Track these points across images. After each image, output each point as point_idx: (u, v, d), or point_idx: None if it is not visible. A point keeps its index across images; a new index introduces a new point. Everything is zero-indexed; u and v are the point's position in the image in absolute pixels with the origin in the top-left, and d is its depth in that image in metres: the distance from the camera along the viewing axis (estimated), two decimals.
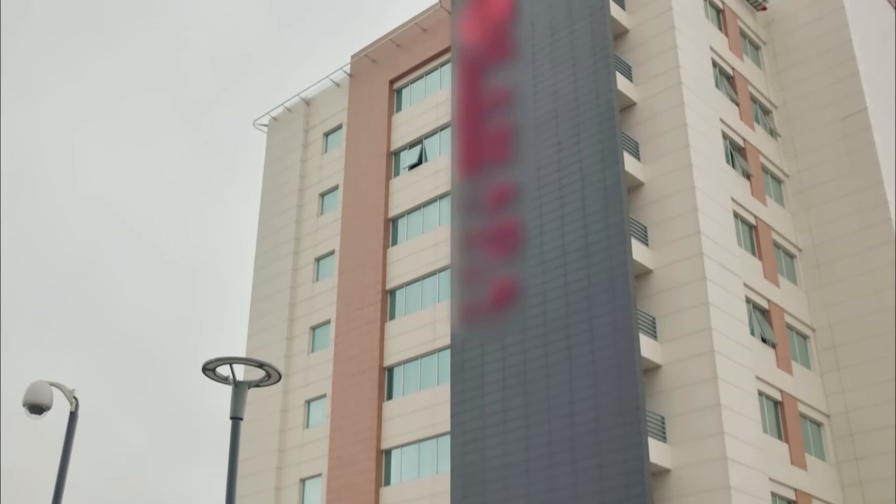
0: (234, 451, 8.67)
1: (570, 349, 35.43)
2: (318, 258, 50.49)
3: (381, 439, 42.54)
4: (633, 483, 32.15)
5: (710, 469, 32.95)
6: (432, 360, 42.20)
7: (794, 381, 39.29)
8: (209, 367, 8.65)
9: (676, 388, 34.82)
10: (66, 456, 9.54)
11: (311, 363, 47.96)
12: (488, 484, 36.08)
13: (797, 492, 36.76)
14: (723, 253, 37.16)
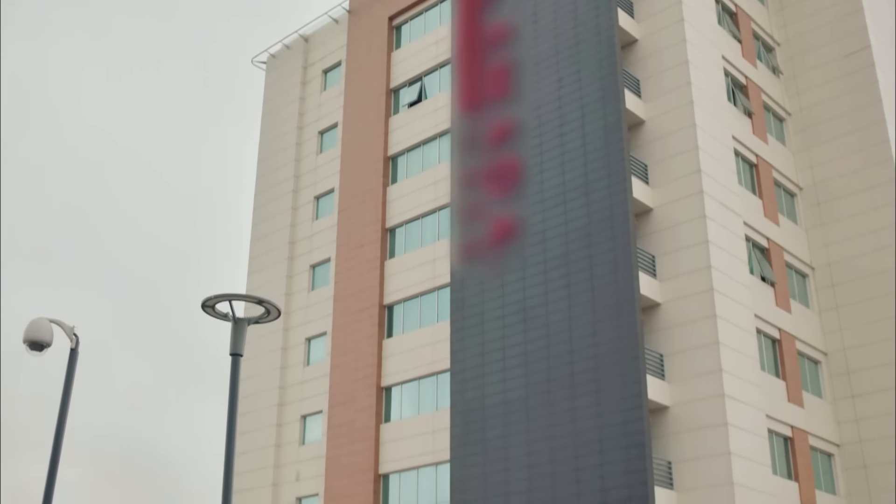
0: (235, 388, 8.72)
1: (570, 287, 35.52)
2: (318, 196, 50.41)
3: (381, 376, 42.84)
4: (631, 420, 32.43)
5: (707, 406, 33.23)
6: (432, 298, 42.34)
7: (792, 320, 39.46)
8: (208, 303, 8.66)
9: (675, 325, 34.98)
10: (67, 393, 9.59)
11: (312, 301, 48.12)
12: (488, 421, 36.40)
13: (794, 428, 37.11)
14: (723, 191, 37.09)
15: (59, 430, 9.30)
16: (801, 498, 36.31)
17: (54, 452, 9.28)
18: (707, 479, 32.49)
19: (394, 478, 41.26)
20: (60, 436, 9.31)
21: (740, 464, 32.60)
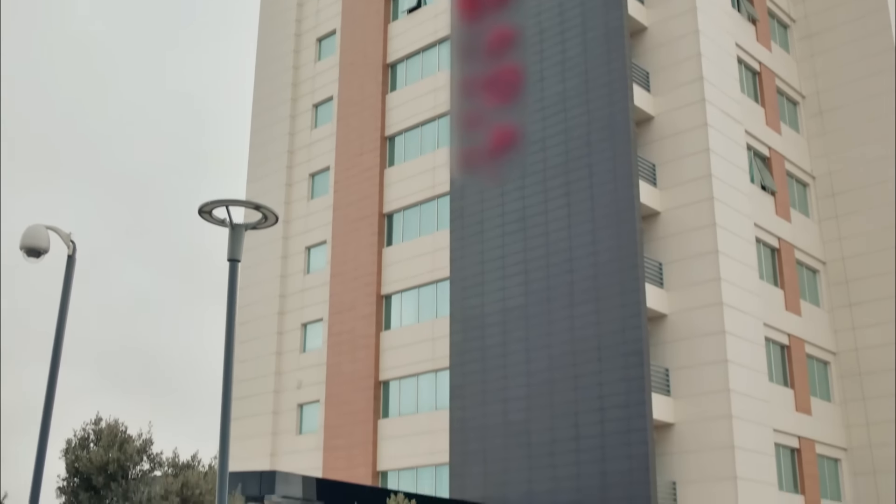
0: (233, 293, 8.72)
1: (570, 195, 35.44)
2: (317, 104, 49.96)
3: (381, 284, 43.01)
4: (629, 328, 32.66)
5: (705, 314, 33.43)
6: (432, 207, 42.27)
7: (791, 229, 39.47)
8: (206, 209, 8.61)
9: (675, 234, 34.99)
10: (65, 300, 9.60)
11: (311, 210, 48.05)
12: (487, 329, 36.67)
13: (791, 337, 37.41)
14: (725, 99, 36.74)
15: (59, 335, 9.33)
16: (796, 405, 36.77)
17: (54, 357, 9.32)
18: (704, 386, 32.85)
19: (394, 384, 41.72)
20: (60, 341, 9.34)
21: (737, 371, 32.92)
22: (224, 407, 8.31)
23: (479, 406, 36.11)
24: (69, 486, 13.25)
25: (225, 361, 8.43)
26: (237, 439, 47.54)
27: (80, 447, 13.24)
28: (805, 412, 37.09)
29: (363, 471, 40.57)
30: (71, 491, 13.21)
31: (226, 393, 8.38)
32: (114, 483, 12.84)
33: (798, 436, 36.32)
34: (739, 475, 31.60)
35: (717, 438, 32.15)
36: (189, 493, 12.81)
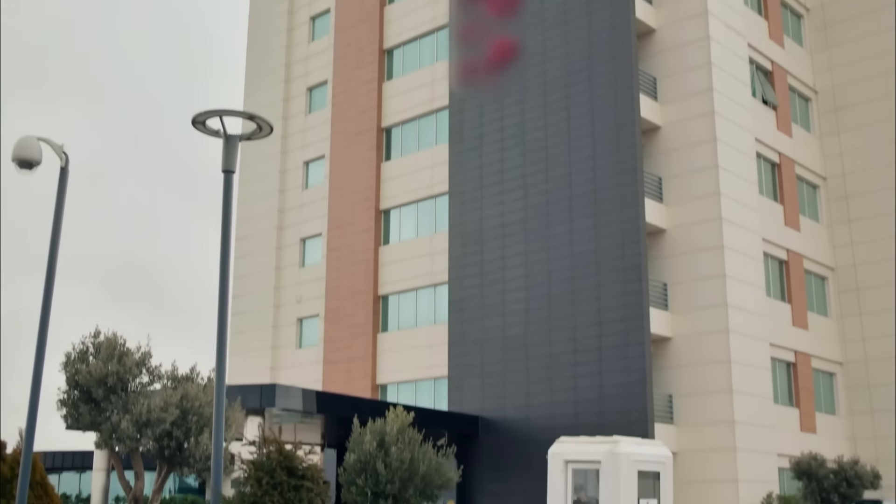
0: (228, 205, 8.62)
1: (570, 109, 35.11)
2: (314, 17, 49.21)
3: (379, 199, 42.87)
4: (628, 242, 32.64)
5: (704, 229, 33.38)
6: (430, 121, 41.92)
7: (792, 144, 39.21)
8: (199, 119, 8.47)
9: (675, 149, 34.76)
10: (59, 212, 9.50)
11: (309, 124, 47.67)
12: (486, 243, 36.65)
13: (789, 251, 37.43)
14: (727, 11, 36.16)
15: (53, 248, 9.26)
16: (793, 320, 36.95)
17: (49, 270, 9.26)
18: (702, 301, 32.96)
19: (393, 299, 41.86)
20: (55, 254, 9.27)
21: (735, 286, 32.99)
22: (220, 319, 8.28)
23: (478, 320, 36.28)
24: (70, 398, 13.32)
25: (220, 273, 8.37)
26: (237, 353, 47.91)
27: (80, 360, 13.28)
28: (802, 327, 37.29)
29: (363, 384, 40.95)
30: (72, 403, 13.29)
31: (222, 305, 8.34)
32: (113, 395, 12.89)
33: (794, 350, 36.57)
34: (735, 388, 31.88)
35: (714, 352, 32.36)
36: (188, 405, 12.87)
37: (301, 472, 5.93)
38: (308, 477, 5.95)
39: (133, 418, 12.70)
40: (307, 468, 5.92)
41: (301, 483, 6.01)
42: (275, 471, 5.95)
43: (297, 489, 6.07)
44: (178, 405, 12.87)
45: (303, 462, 5.91)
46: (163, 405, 12.80)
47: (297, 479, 6.08)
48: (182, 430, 12.87)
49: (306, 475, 5.95)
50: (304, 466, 5.90)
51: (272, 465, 5.99)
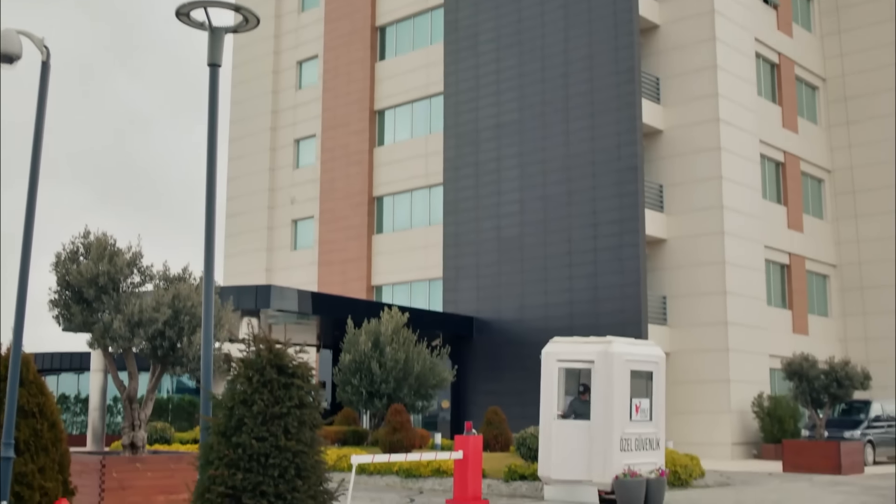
0: (214, 100, 8.39)
1: (567, 7, 34.45)
2: None
3: (374, 100, 42.38)
4: (624, 143, 32.36)
5: (702, 130, 33.08)
6: (425, 19, 41.17)
7: (792, 44, 38.61)
8: (183, 11, 8.20)
9: (673, 48, 34.23)
10: (41, 108, 9.26)
11: (302, 23, 46.86)
12: (481, 144, 36.34)
13: (786, 153, 37.18)
14: None
15: (37, 144, 9.05)
16: (788, 222, 36.90)
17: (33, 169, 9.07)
18: (697, 203, 32.84)
19: (387, 200, 41.71)
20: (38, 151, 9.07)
21: (731, 187, 32.84)
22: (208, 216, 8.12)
23: (473, 221, 36.19)
24: (61, 298, 13.24)
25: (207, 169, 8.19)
26: (232, 255, 47.92)
27: (70, 261, 13.15)
28: (797, 229, 37.26)
29: (357, 285, 41.04)
30: (63, 303, 13.21)
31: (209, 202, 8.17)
32: (105, 295, 12.80)
33: (789, 252, 36.61)
34: (729, 290, 31.98)
35: (709, 254, 32.37)
36: (181, 305, 12.79)
37: (291, 370, 5.86)
38: (298, 375, 5.88)
39: (125, 318, 12.63)
40: (297, 366, 5.84)
41: (291, 381, 5.94)
42: (264, 369, 5.88)
43: (287, 387, 5.99)
44: (171, 305, 12.78)
45: (293, 360, 5.83)
46: (154, 305, 12.72)
47: (287, 376, 6.00)
48: (175, 329, 12.82)
49: (296, 373, 5.88)
50: (295, 365, 5.83)
51: (262, 362, 5.93)
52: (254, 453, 6.04)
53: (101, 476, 12.35)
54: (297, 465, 6.12)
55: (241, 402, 6.18)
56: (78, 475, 12.75)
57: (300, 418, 6.22)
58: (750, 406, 31.63)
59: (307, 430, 6.24)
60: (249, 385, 6.21)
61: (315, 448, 6.28)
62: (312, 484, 6.20)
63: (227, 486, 6.01)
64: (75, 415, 43.72)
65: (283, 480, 6.06)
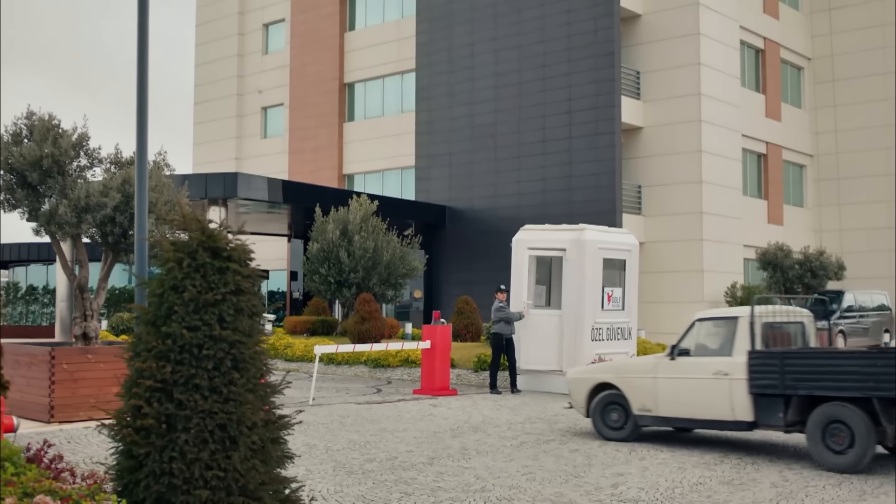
0: None
1: None
2: None
3: None
4: (601, 28, 31.41)
5: (680, 14, 32.13)
6: None
7: None
8: None
9: None
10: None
11: None
12: (455, 28, 35.26)
13: (766, 40, 36.32)
14: None
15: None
16: (766, 110, 36.28)
17: None
18: (675, 90, 32.11)
19: (359, 87, 40.72)
20: None
21: (709, 74, 32.09)
22: (140, 89, 7.45)
23: (446, 108, 35.36)
24: (5, 183, 12.56)
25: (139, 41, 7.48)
26: (201, 143, 46.96)
27: (14, 143, 12.43)
28: (775, 118, 36.67)
29: (329, 174, 40.33)
30: (7, 188, 12.53)
31: (141, 79, 7.50)
32: (50, 179, 12.13)
33: (766, 141, 36.08)
34: (705, 179, 31.51)
35: (686, 142, 31.80)
36: (132, 190, 12.15)
37: (227, 253, 5.32)
38: (235, 259, 5.34)
39: (71, 203, 11.98)
40: (234, 249, 5.30)
41: (227, 265, 5.40)
42: (196, 252, 5.34)
43: (222, 272, 5.45)
44: (120, 189, 12.13)
45: (229, 243, 5.28)
46: (103, 189, 12.06)
47: (222, 260, 5.45)
48: (126, 216, 12.20)
49: (232, 257, 5.34)
50: (231, 247, 5.29)
51: (193, 245, 5.38)
52: (185, 344, 5.52)
53: (50, 368, 11.87)
54: (234, 357, 5.61)
55: (171, 288, 5.63)
56: (27, 367, 12.29)
57: (237, 305, 5.68)
58: (723, 296, 31.48)
59: (245, 318, 5.72)
60: (180, 270, 5.65)
61: (254, 338, 5.77)
62: (251, 377, 5.70)
63: (157, 379, 5.51)
64: (44, 306, 43.26)
65: (219, 373, 5.55)
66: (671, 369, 11.67)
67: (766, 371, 10.74)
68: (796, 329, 11.79)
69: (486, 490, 8.86)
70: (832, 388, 10.22)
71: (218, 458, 5.50)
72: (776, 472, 9.99)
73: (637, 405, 11.96)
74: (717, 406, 11.17)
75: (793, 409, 10.62)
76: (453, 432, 12.68)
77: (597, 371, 12.81)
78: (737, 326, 11.23)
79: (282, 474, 5.92)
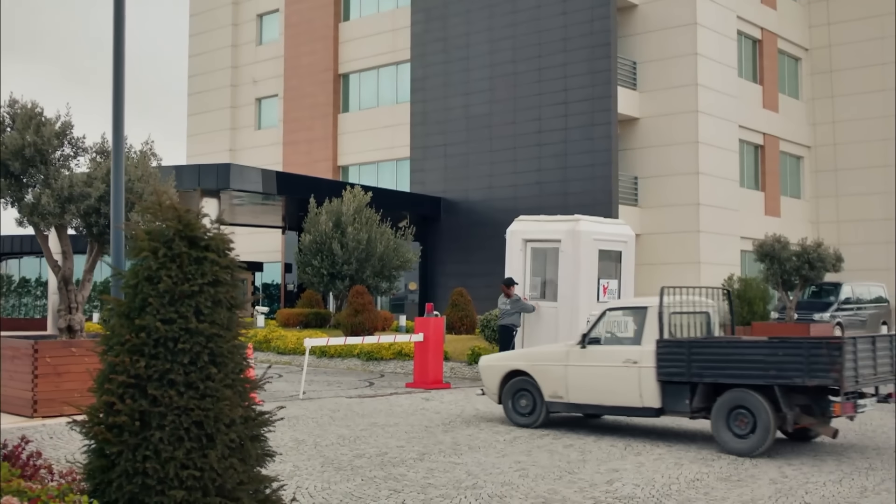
0: None
1: None
2: None
3: None
4: (597, 18, 31.13)
5: (678, 4, 31.87)
6: None
7: None
8: None
9: None
10: None
11: None
12: (449, 19, 34.96)
13: (763, 30, 36.06)
14: None
15: None
16: (763, 102, 36.04)
17: None
18: (672, 80, 31.85)
19: (354, 78, 40.43)
20: None
21: (706, 65, 31.83)
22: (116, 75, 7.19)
23: (441, 100, 35.08)
24: None
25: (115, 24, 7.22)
26: (195, 135, 46.67)
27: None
28: (772, 109, 36.41)
29: (324, 166, 40.05)
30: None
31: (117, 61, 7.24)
32: (32, 168, 11.86)
33: (763, 133, 35.83)
34: (702, 170, 31.28)
35: (682, 133, 31.55)
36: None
37: (204, 242, 5.08)
38: (213, 248, 5.10)
39: (54, 193, 11.71)
40: (212, 238, 5.06)
41: (204, 255, 5.16)
42: (172, 241, 5.10)
43: (199, 262, 5.20)
44: (105, 180, 11.86)
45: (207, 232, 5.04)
46: (87, 179, 11.79)
47: (199, 250, 5.21)
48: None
49: (210, 246, 5.10)
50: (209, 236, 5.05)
51: (169, 233, 5.14)
52: (160, 337, 5.27)
53: (33, 362, 11.61)
54: (211, 351, 5.36)
55: (146, 278, 5.38)
56: (10, 360, 12.03)
57: (214, 297, 5.43)
58: None
59: (223, 310, 5.47)
60: (155, 259, 5.40)
61: (233, 331, 5.52)
62: (230, 371, 5.45)
63: (130, 374, 5.26)
64: (37, 298, 42.99)
65: (195, 368, 5.30)
66: (582, 357, 12.04)
67: (673, 359, 11.11)
68: (702, 319, 12.20)
69: (478, 487, 8.63)
70: (736, 376, 10.63)
71: (194, 456, 5.25)
72: (775, 468, 9.76)
73: (548, 392, 12.31)
74: (627, 393, 11.53)
75: (698, 396, 10.99)
76: (445, 427, 12.46)
77: (509, 358, 13.18)
78: (646, 316, 11.56)
79: (262, 473, 5.68)
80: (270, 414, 5.73)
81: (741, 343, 11.27)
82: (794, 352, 10.28)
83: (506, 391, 12.77)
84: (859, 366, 10.24)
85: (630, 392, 11.45)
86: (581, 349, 12.03)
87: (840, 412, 10.19)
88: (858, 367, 10.22)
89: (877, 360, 10.62)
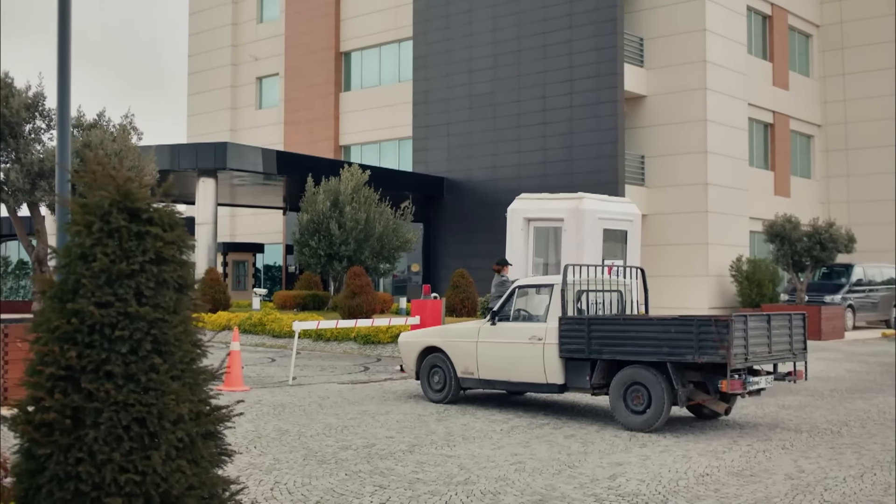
0: None
1: None
2: None
3: None
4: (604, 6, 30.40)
5: None
6: None
7: None
8: None
9: None
10: None
11: None
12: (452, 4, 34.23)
13: (773, 6, 35.21)
14: None
15: None
16: (773, 79, 35.25)
17: None
18: (679, 57, 31.09)
19: (355, 56, 39.70)
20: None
21: (714, 41, 31.06)
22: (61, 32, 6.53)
23: (444, 78, 34.36)
24: None
25: None
26: (195, 114, 46.03)
27: None
28: (782, 87, 35.62)
29: (325, 145, 39.38)
30: None
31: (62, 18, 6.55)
32: (1, 143, 11.21)
33: (773, 111, 35.05)
34: (710, 149, 30.55)
35: (690, 111, 30.81)
36: (92, 153, 11.20)
37: (147, 215, 4.47)
38: (157, 222, 4.48)
39: (24, 168, 11.06)
40: (156, 211, 4.45)
41: (146, 229, 4.54)
42: (110, 213, 4.49)
43: (140, 237, 4.58)
44: (80, 154, 11.20)
45: (150, 203, 4.43)
46: None
47: (140, 223, 4.58)
48: None
49: (154, 219, 4.48)
50: (153, 209, 4.44)
51: (106, 205, 4.51)
52: (95, 323, 4.61)
53: (3, 346, 10.99)
54: (155, 338, 4.69)
55: (79, 257, 4.71)
56: None
57: (158, 277, 4.75)
58: (728, 270, 30.55)
59: (169, 291, 4.79)
60: (89, 235, 4.72)
61: (181, 315, 4.84)
62: (177, 361, 4.78)
63: (60, 365, 4.60)
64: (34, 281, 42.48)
65: (136, 357, 4.64)
66: (492, 334, 12.16)
67: (574, 337, 11.24)
68: (614, 297, 12.31)
69: (470, 482, 7.99)
70: (632, 353, 10.78)
71: (134, 458, 4.59)
72: (790, 462, 9.09)
73: (461, 368, 12.49)
74: (532, 370, 11.68)
75: (598, 373, 11.18)
76: (439, 415, 11.82)
77: (425, 335, 13.31)
78: (552, 293, 11.64)
79: (217, 475, 5.01)
80: (228, 408, 5.06)
81: (637, 321, 11.31)
82: (686, 329, 10.39)
83: (423, 368, 12.95)
84: (750, 343, 10.33)
85: (535, 369, 11.60)
86: (491, 326, 12.14)
87: (727, 388, 10.24)
88: (749, 346, 10.31)
89: (772, 338, 10.72)
